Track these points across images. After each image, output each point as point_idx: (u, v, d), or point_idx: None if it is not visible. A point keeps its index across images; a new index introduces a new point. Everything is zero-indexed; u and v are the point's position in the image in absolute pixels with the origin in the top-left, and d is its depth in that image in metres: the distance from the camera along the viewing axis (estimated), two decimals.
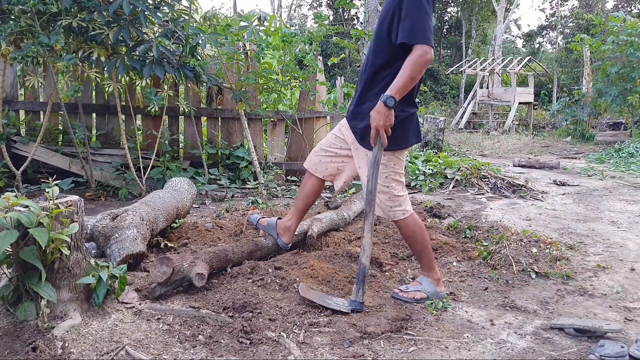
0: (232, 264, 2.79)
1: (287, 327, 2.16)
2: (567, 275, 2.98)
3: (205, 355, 1.91)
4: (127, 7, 4.08)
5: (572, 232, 4.08)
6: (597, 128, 14.73)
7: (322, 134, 6.12)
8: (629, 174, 7.58)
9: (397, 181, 2.54)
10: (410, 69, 2.23)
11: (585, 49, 14.84)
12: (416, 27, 2.22)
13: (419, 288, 2.53)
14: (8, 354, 1.78)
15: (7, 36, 4.18)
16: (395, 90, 2.25)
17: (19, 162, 4.86)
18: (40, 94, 5.66)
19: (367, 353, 2.00)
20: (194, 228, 3.53)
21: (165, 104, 5.05)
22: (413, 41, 2.22)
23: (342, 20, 24.47)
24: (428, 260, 2.59)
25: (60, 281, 2.01)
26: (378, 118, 2.28)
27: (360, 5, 17.72)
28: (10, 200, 1.90)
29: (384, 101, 2.26)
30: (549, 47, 30.34)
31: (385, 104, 2.26)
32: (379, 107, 2.28)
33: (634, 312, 2.51)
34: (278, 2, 24.34)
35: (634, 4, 26.10)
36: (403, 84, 2.25)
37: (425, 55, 2.22)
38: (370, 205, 2.39)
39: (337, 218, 3.81)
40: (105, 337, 1.95)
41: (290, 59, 5.00)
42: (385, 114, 2.27)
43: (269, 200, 4.83)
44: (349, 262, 3.05)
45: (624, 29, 10.89)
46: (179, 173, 5.14)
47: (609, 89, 11.45)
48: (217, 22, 4.94)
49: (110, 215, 2.96)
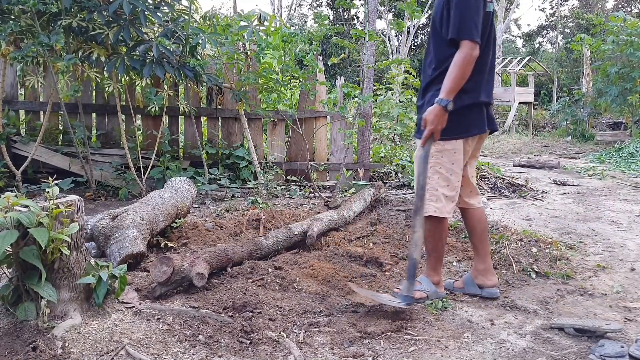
0: (232, 263, 2.79)
1: (287, 327, 2.16)
2: (567, 275, 2.98)
3: (205, 355, 1.91)
4: (127, 7, 4.08)
5: (572, 232, 4.08)
6: (597, 128, 14.73)
7: (322, 134, 6.12)
8: (629, 174, 7.58)
9: (442, 175, 2.42)
10: (458, 67, 2.23)
11: (585, 49, 14.85)
12: (462, 23, 2.24)
13: (418, 287, 2.47)
14: (8, 353, 1.78)
15: (7, 36, 4.18)
16: (447, 91, 2.24)
17: (19, 162, 4.86)
18: (40, 94, 5.66)
19: (367, 353, 2.00)
20: (194, 228, 3.53)
21: (165, 104, 5.05)
22: (460, 37, 2.24)
23: (342, 20, 24.46)
24: (435, 262, 2.54)
25: (60, 281, 2.01)
26: (432, 120, 2.26)
27: (360, 5, 17.72)
28: (10, 200, 1.90)
29: (439, 104, 2.25)
30: (549, 47, 30.33)
31: (441, 106, 2.24)
32: (435, 110, 2.26)
33: (634, 312, 2.51)
34: (278, 2, 24.34)
35: (634, 4, 26.08)
36: (453, 84, 2.24)
37: (471, 52, 2.22)
38: (421, 200, 2.33)
39: (337, 218, 3.81)
40: (105, 337, 1.95)
41: (290, 59, 5.00)
42: (440, 116, 2.25)
43: (269, 200, 4.83)
44: (349, 261, 3.05)
45: (624, 29, 10.89)
46: (179, 173, 5.14)
47: (609, 88, 11.45)
48: (217, 22, 4.94)
49: (110, 215, 2.96)
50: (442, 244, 2.52)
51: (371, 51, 5.43)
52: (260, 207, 3.99)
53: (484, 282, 2.65)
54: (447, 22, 2.30)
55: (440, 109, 2.24)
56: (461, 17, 2.24)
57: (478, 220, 2.65)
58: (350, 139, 4.98)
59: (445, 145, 2.39)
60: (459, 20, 2.24)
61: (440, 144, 2.38)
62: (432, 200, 2.41)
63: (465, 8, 2.24)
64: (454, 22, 2.26)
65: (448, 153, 2.40)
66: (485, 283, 2.65)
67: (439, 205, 2.42)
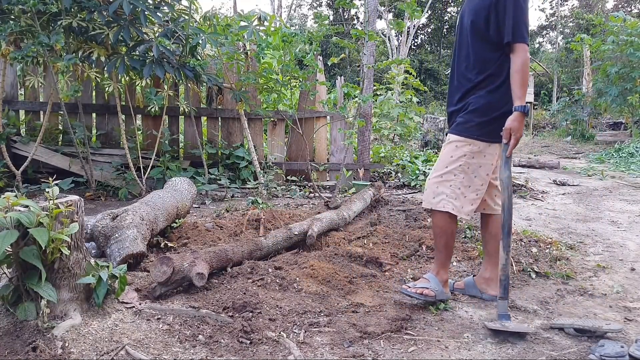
0: (232, 263, 2.79)
1: (287, 327, 2.16)
2: (567, 275, 2.98)
3: (205, 355, 1.91)
4: (127, 7, 4.08)
5: (572, 232, 4.08)
6: (597, 128, 14.73)
7: (322, 134, 6.12)
8: (629, 174, 7.58)
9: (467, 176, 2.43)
10: (521, 71, 2.28)
11: (585, 49, 14.84)
12: (516, 26, 2.28)
13: (427, 285, 2.45)
14: (8, 353, 1.78)
15: (7, 36, 4.18)
16: (521, 97, 2.29)
17: (19, 162, 4.86)
18: (40, 94, 5.66)
19: (367, 353, 2.00)
20: (194, 228, 3.53)
21: (165, 104, 5.05)
22: (515, 40, 2.28)
23: (342, 20, 24.46)
24: (444, 259, 2.52)
25: (60, 281, 2.01)
26: (518, 128, 2.29)
27: (360, 5, 17.73)
28: (10, 200, 1.90)
29: (520, 110, 2.27)
30: (549, 47, 30.32)
31: (522, 112, 2.28)
32: (518, 117, 2.28)
33: (634, 312, 2.51)
34: (278, 2, 24.33)
35: (634, 4, 26.08)
36: (523, 89, 2.28)
37: (527, 54, 2.29)
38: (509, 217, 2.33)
39: (337, 218, 3.81)
40: (105, 337, 1.95)
41: (290, 59, 5.00)
42: (522, 122, 2.30)
43: (269, 200, 4.83)
44: (349, 261, 3.05)
45: (624, 29, 10.89)
46: (179, 173, 5.14)
47: (609, 89, 11.45)
48: (217, 22, 4.94)
49: (110, 215, 2.96)
50: (452, 243, 2.52)
51: (371, 51, 5.43)
52: (260, 207, 3.99)
53: (487, 290, 2.65)
54: (497, 25, 2.32)
55: (521, 114, 2.28)
56: (515, 20, 2.27)
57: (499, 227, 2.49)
58: (350, 139, 4.98)
59: (480, 147, 2.42)
60: (514, 23, 2.27)
61: (476, 144, 2.41)
62: (452, 197, 2.43)
63: (519, 11, 2.28)
64: (509, 25, 2.28)
65: (479, 155, 2.42)
66: (487, 291, 2.65)
67: (457, 203, 2.43)
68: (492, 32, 2.35)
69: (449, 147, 2.48)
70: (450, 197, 2.43)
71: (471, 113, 2.42)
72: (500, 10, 2.30)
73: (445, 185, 2.44)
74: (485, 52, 2.40)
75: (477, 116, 2.41)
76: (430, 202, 2.48)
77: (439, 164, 2.50)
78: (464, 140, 2.43)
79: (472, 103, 2.43)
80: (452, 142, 2.47)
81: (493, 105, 2.39)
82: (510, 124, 2.30)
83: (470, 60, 2.46)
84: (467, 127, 2.42)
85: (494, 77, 2.39)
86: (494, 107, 2.39)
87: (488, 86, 2.40)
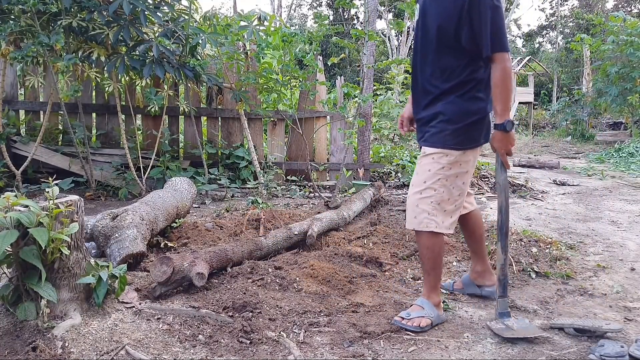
0: (232, 263, 2.79)
1: (287, 327, 2.16)
2: (567, 275, 2.98)
3: (205, 355, 1.91)
4: (127, 7, 4.08)
5: (572, 231, 4.08)
6: (597, 128, 14.75)
7: (322, 134, 6.12)
8: (629, 174, 7.58)
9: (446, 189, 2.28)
10: (502, 84, 2.14)
11: (585, 49, 14.86)
12: (494, 34, 2.10)
13: (422, 313, 2.29)
14: (8, 353, 1.78)
15: (7, 36, 4.18)
16: (502, 114, 2.16)
17: (19, 162, 4.86)
18: (40, 93, 5.66)
19: (367, 353, 2.00)
20: (194, 228, 3.53)
21: (165, 104, 5.05)
22: (494, 50, 2.12)
23: (342, 20, 24.46)
24: (435, 280, 2.37)
25: (60, 281, 2.01)
26: (500, 146, 2.22)
27: (360, 5, 17.73)
28: (10, 200, 1.90)
29: (499, 129, 2.19)
30: (549, 47, 30.32)
31: (505, 130, 2.18)
32: (498, 136, 2.20)
33: (634, 312, 2.51)
34: (278, 2, 24.33)
35: (634, 4, 26.09)
36: (505, 103, 2.16)
37: (507, 63, 2.14)
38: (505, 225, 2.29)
39: (337, 218, 3.81)
40: (105, 336, 1.95)
41: (290, 59, 5.00)
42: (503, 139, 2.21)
43: (269, 200, 4.83)
44: (349, 261, 3.05)
45: (624, 29, 10.90)
46: (179, 173, 5.14)
47: (609, 88, 11.46)
48: (217, 22, 4.94)
49: (110, 215, 2.96)
50: (440, 261, 2.37)
51: (371, 51, 5.43)
52: (260, 207, 3.99)
53: (483, 282, 2.65)
54: (471, 34, 2.12)
55: (502, 133, 2.19)
56: (494, 29, 2.09)
57: (476, 223, 2.61)
58: (350, 139, 4.98)
59: (456, 157, 2.28)
60: (492, 32, 2.09)
61: (453, 154, 2.27)
62: (433, 214, 2.28)
63: (497, 17, 2.10)
64: (486, 36, 2.09)
65: (456, 165, 2.28)
66: (484, 283, 2.65)
67: (438, 219, 2.29)
68: (464, 42, 2.16)
69: (426, 160, 2.32)
70: (432, 214, 2.28)
71: (444, 122, 2.26)
72: (475, 17, 2.09)
73: (426, 202, 2.29)
74: (453, 60, 2.22)
75: (451, 124, 2.25)
76: (412, 222, 2.33)
77: (416, 179, 2.34)
78: (440, 152, 2.28)
79: (443, 112, 2.27)
80: (428, 155, 2.31)
81: (465, 111, 2.24)
82: (494, 144, 2.23)
83: (436, 67, 2.28)
84: (442, 137, 2.27)
85: (464, 84, 2.24)
86: (466, 113, 2.24)
87: (457, 92, 2.24)
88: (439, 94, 2.29)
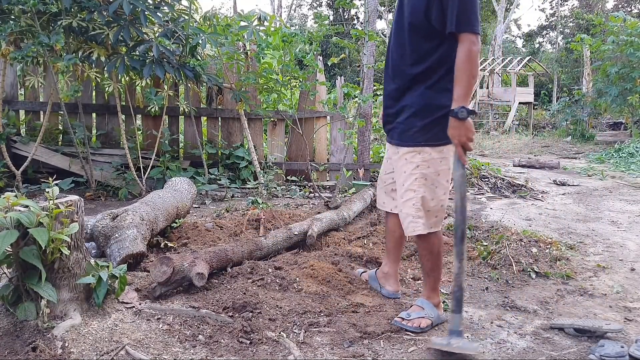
0: (232, 263, 2.79)
1: (287, 327, 2.16)
2: (567, 275, 2.98)
3: (205, 355, 1.91)
4: (127, 7, 4.08)
5: (572, 232, 4.08)
6: (597, 128, 14.74)
7: (322, 134, 6.12)
8: (629, 174, 7.58)
9: (427, 188, 2.18)
10: (465, 67, 1.97)
11: (585, 49, 14.86)
12: (461, 13, 1.96)
13: (422, 314, 2.27)
14: (8, 354, 1.78)
15: (7, 36, 4.18)
16: (460, 98, 1.99)
17: (19, 162, 4.86)
18: (40, 94, 5.66)
19: (367, 353, 2.00)
20: (194, 228, 3.53)
21: (165, 104, 5.05)
22: (460, 29, 1.98)
23: (342, 20, 24.47)
24: (434, 282, 2.32)
25: (60, 281, 2.01)
26: (454, 135, 2.01)
27: (360, 5, 17.75)
28: (10, 200, 1.90)
29: (453, 116, 1.99)
30: (549, 47, 30.33)
31: (458, 117, 1.98)
32: (453, 123, 2.00)
33: (634, 312, 2.51)
34: (278, 2, 24.34)
35: (634, 4, 26.09)
36: (466, 88, 1.99)
37: (474, 46, 1.97)
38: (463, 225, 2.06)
39: (337, 218, 3.81)
40: (105, 337, 1.95)
41: (290, 59, 5.00)
42: (459, 127, 1.99)
43: (269, 200, 4.82)
44: (349, 261, 3.05)
45: (624, 29, 10.90)
46: (179, 173, 5.14)
47: (609, 89, 11.46)
48: (217, 22, 4.94)
49: (110, 215, 2.96)
50: (440, 261, 2.31)
51: (371, 51, 5.43)
52: (260, 207, 3.99)
53: (384, 285, 2.62)
54: (441, 11, 2.00)
55: (455, 120, 1.99)
56: (462, 7, 1.96)
57: (397, 222, 2.43)
58: (350, 139, 4.98)
59: (432, 154, 2.15)
60: (459, 10, 1.96)
61: (426, 151, 2.15)
62: (417, 217, 2.19)
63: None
64: (452, 12, 1.97)
65: (434, 163, 2.16)
66: (385, 286, 2.62)
67: (424, 221, 2.20)
68: (434, 21, 2.04)
69: (400, 163, 2.22)
70: (416, 216, 2.19)
71: (412, 117, 2.15)
72: None
73: (408, 206, 2.20)
74: (424, 42, 2.10)
75: (419, 119, 2.14)
76: (406, 228, 2.27)
77: (397, 184, 2.28)
78: (412, 150, 2.17)
79: (409, 105, 2.15)
80: (401, 156, 2.21)
81: (433, 103, 2.11)
82: (448, 132, 2.03)
83: (407, 49, 2.15)
84: (411, 135, 2.16)
85: (434, 70, 2.10)
86: (436, 106, 2.11)
87: (426, 81, 2.11)
88: (408, 81, 2.17)
